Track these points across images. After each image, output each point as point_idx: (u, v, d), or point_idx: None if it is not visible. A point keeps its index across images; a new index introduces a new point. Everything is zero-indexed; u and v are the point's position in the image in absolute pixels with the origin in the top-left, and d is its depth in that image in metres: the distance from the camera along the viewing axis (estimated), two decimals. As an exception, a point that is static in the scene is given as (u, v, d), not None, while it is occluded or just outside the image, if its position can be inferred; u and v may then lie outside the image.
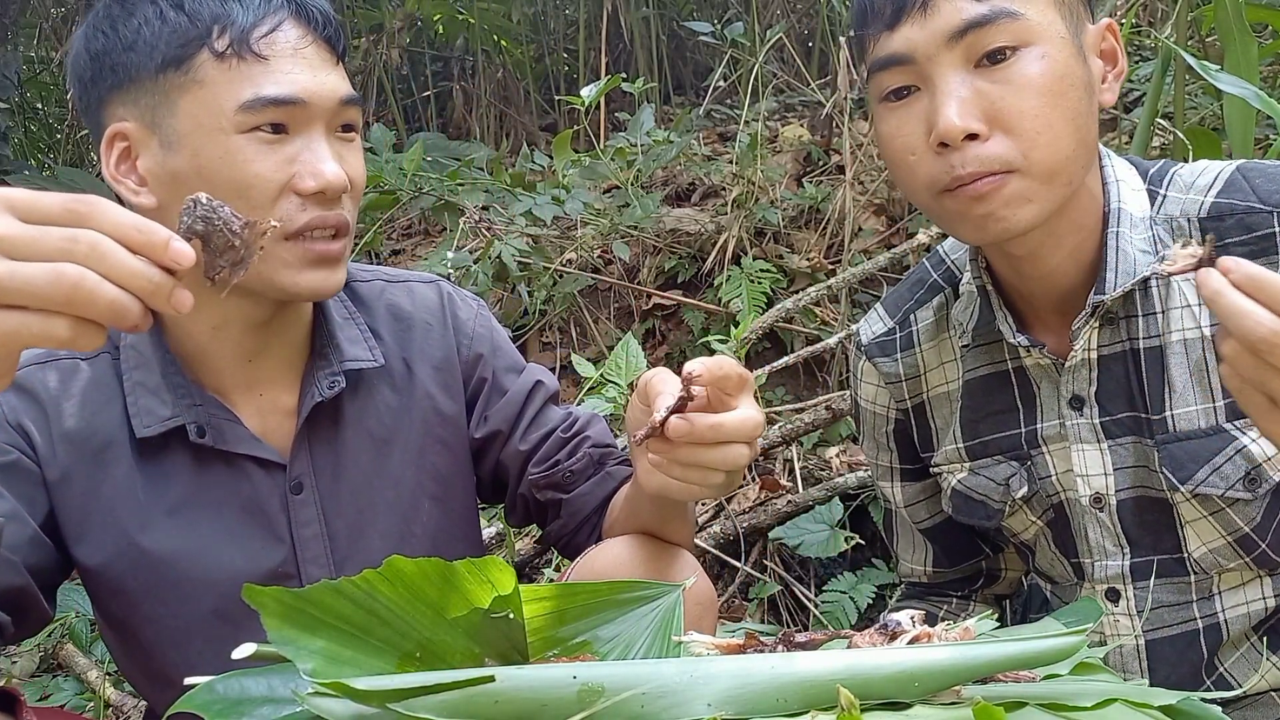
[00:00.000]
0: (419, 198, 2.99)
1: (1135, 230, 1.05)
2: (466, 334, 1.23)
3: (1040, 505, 1.15)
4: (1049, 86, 0.96)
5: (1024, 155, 0.96)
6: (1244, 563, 1.07)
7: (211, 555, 1.07)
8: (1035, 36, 0.96)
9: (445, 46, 4.74)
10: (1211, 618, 1.10)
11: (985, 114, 0.96)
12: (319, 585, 0.70)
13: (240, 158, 0.99)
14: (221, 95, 0.99)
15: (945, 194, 1.00)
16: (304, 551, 1.11)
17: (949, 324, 1.20)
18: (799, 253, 2.86)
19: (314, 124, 1.03)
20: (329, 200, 1.03)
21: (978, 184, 0.97)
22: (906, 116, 1.01)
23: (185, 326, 1.08)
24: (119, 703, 1.93)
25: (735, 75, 3.65)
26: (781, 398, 2.51)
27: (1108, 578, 1.12)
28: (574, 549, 1.22)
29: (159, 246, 0.68)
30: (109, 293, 0.67)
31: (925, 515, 1.31)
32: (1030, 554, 1.21)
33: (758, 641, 0.74)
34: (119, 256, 0.67)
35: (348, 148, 1.07)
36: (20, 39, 4.55)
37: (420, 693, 0.63)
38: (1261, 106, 1.43)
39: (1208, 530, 1.07)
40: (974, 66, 0.97)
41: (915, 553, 1.33)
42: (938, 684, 0.66)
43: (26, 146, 4.73)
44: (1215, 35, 2.01)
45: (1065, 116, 0.97)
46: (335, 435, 1.13)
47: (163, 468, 1.08)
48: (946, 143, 0.97)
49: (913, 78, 1.00)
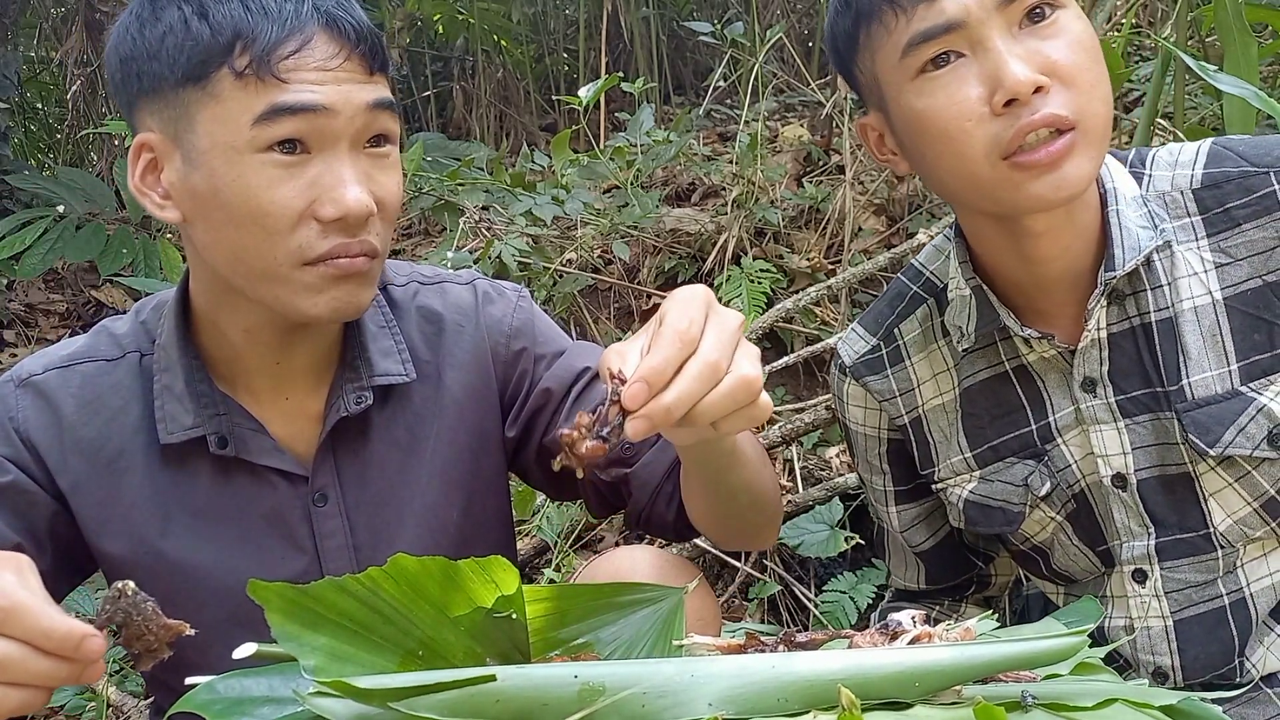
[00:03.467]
0: (419, 198, 2.99)
1: (1130, 208, 1.06)
2: (504, 331, 1.18)
3: (1060, 499, 1.14)
4: (1091, 44, 0.98)
5: (1084, 108, 0.97)
6: (1270, 528, 1.08)
7: (230, 563, 1.07)
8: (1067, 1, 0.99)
9: (445, 46, 4.74)
10: (1237, 593, 1.10)
11: (1043, 69, 0.96)
12: (323, 582, 0.70)
13: (255, 182, 0.94)
14: (238, 111, 0.93)
15: (1009, 161, 0.98)
16: (329, 563, 1.09)
17: (936, 334, 1.19)
18: (799, 253, 2.86)
19: (339, 141, 0.96)
20: (352, 227, 0.96)
21: (1050, 147, 0.96)
22: (959, 83, 0.98)
23: (218, 328, 1.07)
24: (119, 702, 1.92)
25: (735, 75, 3.65)
26: (781, 398, 2.51)
27: (1134, 559, 1.12)
28: (660, 525, 1.17)
29: (69, 649, 0.70)
30: (13, 698, 0.70)
31: (922, 538, 1.29)
32: (1043, 557, 1.20)
33: (758, 641, 0.74)
34: (27, 667, 0.70)
35: (379, 165, 0.99)
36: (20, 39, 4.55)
37: (421, 691, 0.63)
38: (1261, 106, 1.43)
39: (1233, 499, 1.07)
40: (1018, 27, 0.97)
41: (908, 570, 1.33)
42: (938, 684, 0.66)
43: (26, 146, 4.73)
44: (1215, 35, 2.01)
45: (1106, 74, 0.99)
46: (363, 446, 1.11)
47: (185, 473, 1.07)
48: (1015, 98, 0.95)
49: (960, 43, 0.98)
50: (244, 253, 0.97)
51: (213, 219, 0.97)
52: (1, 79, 3.61)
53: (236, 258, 0.98)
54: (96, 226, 3.24)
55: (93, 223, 3.26)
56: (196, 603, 1.05)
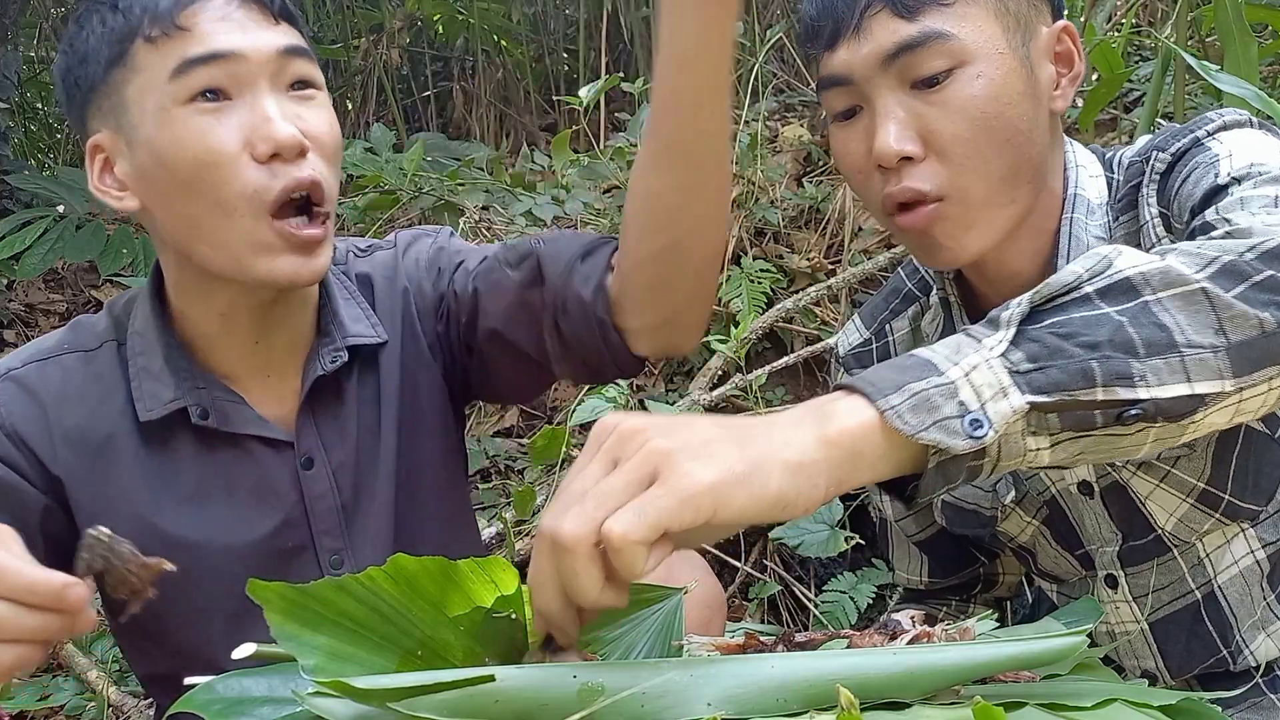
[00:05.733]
0: (419, 198, 2.99)
1: (1092, 217, 1.04)
2: (422, 263, 1.20)
3: (1033, 505, 1.14)
4: (983, 109, 0.95)
5: (953, 182, 0.96)
6: (1215, 519, 1.05)
7: (225, 537, 1.08)
8: (970, 55, 0.95)
9: (445, 46, 4.74)
10: (1206, 586, 1.09)
11: (921, 136, 0.96)
12: (322, 582, 0.70)
13: (188, 132, 0.97)
14: (156, 73, 0.98)
15: (891, 217, 1.00)
16: (318, 524, 1.12)
17: (923, 334, 1.19)
18: (799, 253, 2.86)
19: (256, 82, 0.99)
20: (290, 161, 0.98)
21: (914, 215, 0.97)
22: (851, 136, 1.00)
23: (193, 317, 1.09)
24: (119, 702, 1.92)
25: (735, 75, 3.65)
26: (781, 398, 2.51)
27: (1105, 564, 1.12)
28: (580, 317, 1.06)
29: (53, 600, 0.72)
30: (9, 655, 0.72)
31: (916, 529, 1.30)
32: (1032, 556, 1.21)
33: (758, 641, 0.74)
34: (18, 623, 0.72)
35: (306, 105, 1.02)
36: (20, 39, 4.55)
37: (420, 691, 0.63)
38: (1261, 106, 1.43)
39: (1167, 499, 1.06)
40: (910, 87, 0.96)
41: (910, 563, 1.33)
42: (938, 684, 0.66)
43: (26, 146, 4.72)
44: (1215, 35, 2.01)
45: (1000, 139, 0.96)
46: (339, 408, 1.14)
47: (170, 453, 1.08)
48: (883, 165, 0.96)
49: (854, 98, 0.99)
50: (199, 220, 0.99)
51: (165, 193, 1.00)
52: (1, 79, 3.61)
53: (194, 226, 1.00)
54: (96, 226, 3.23)
55: (93, 223, 3.25)
56: (196, 579, 1.06)
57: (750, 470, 0.63)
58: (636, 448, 0.64)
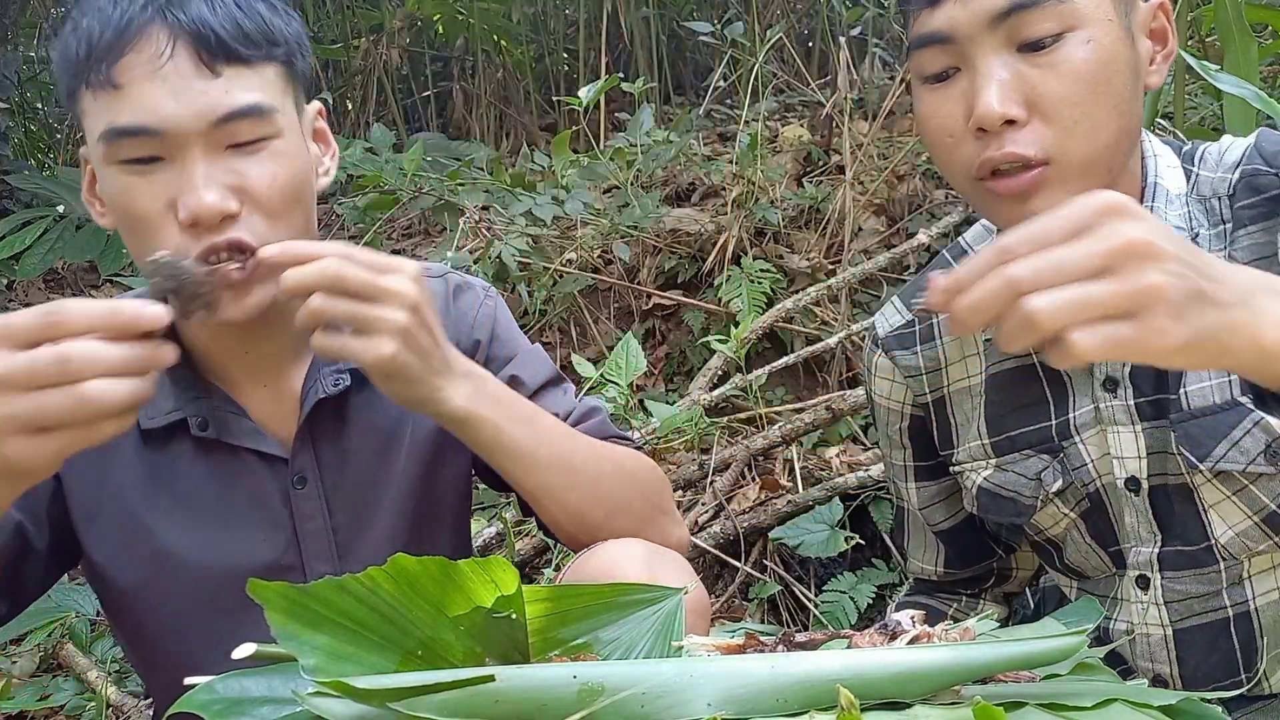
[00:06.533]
0: (419, 198, 2.99)
1: (1171, 206, 1.03)
2: (467, 323, 1.19)
3: (1074, 496, 1.13)
4: (1093, 73, 0.94)
5: (1059, 145, 0.94)
6: (1274, 543, 1.04)
7: (214, 547, 1.08)
8: (1081, 20, 0.93)
9: (445, 46, 4.74)
10: (1242, 605, 1.08)
11: (1026, 99, 0.94)
12: (323, 582, 0.70)
13: (117, 190, 0.97)
14: (93, 126, 0.97)
15: (983, 182, 0.97)
16: (307, 545, 1.10)
17: None
18: (799, 253, 2.87)
19: (187, 146, 0.95)
20: (211, 229, 0.95)
21: (1015, 180, 0.95)
22: (945, 97, 0.98)
23: (181, 328, 1.08)
24: (119, 702, 1.92)
25: (735, 75, 3.65)
26: (781, 398, 2.51)
27: (1139, 564, 1.11)
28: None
29: (130, 325, 0.76)
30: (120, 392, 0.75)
31: (941, 517, 1.28)
32: (1057, 550, 1.19)
33: (758, 641, 0.74)
34: (106, 356, 0.75)
35: (250, 159, 0.97)
36: (20, 39, 4.56)
37: (420, 692, 0.63)
38: (1261, 106, 1.43)
39: (1233, 512, 1.04)
40: (1016, 49, 0.94)
41: (926, 553, 1.32)
42: (938, 684, 0.66)
43: (26, 146, 4.73)
44: (1215, 35, 2.01)
45: (1108, 105, 0.95)
46: (341, 430, 1.13)
47: (168, 459, 1.09)
48: (984, 128, 0.95)
49: (952, 58, 0.97)
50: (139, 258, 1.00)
51: (118, 225, 1.03)
52: (1, 79, 3.61)
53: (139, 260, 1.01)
54: (96, 227, 3.23)
55: (93, 223, 3.25)
56: (179, 588, 1.07)
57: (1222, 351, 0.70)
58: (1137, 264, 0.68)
